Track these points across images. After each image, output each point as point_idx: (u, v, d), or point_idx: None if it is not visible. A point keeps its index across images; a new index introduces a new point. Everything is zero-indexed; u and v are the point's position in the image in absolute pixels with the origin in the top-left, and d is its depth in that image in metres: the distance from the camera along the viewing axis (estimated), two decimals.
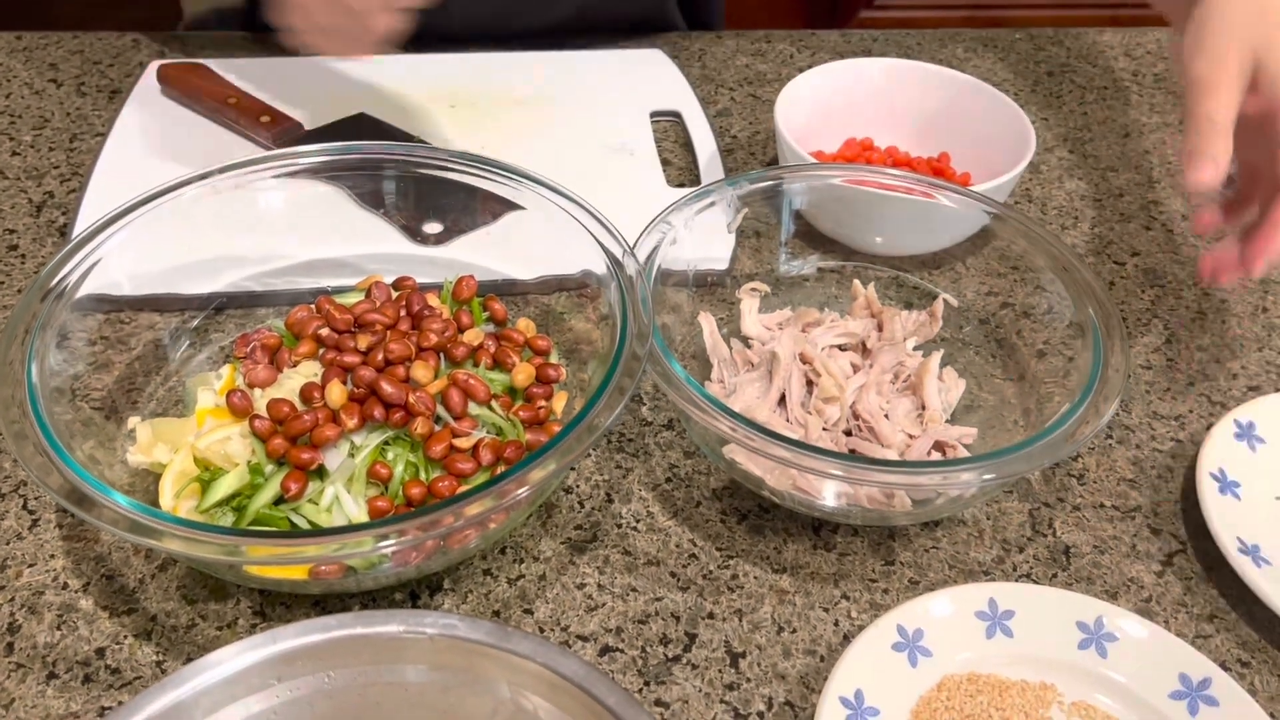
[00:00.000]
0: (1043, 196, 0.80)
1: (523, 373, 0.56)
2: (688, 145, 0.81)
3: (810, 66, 0.91)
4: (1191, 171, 0.55)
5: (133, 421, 0.54)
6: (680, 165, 0.80)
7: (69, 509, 0.45)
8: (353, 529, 0.43)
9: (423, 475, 0.51)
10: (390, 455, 0.52)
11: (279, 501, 0.50)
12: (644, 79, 0.87)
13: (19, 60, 0.87)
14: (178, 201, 0.58)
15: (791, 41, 0.94)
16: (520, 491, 0.44)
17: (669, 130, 0.83)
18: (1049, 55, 0.95)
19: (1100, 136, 0.86)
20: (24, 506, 0.55)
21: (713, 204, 0.62)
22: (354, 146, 0.61)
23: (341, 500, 0.50)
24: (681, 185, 0.78)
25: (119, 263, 0.57)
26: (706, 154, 0.79)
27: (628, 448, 0.60)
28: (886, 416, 0.56)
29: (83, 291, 0.55)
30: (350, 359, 0.54)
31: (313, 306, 0.59)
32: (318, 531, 0.47)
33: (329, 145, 0.61)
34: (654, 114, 0.84)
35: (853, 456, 0.49)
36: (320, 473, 0.51)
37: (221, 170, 0.59)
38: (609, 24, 0.93)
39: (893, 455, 0.55)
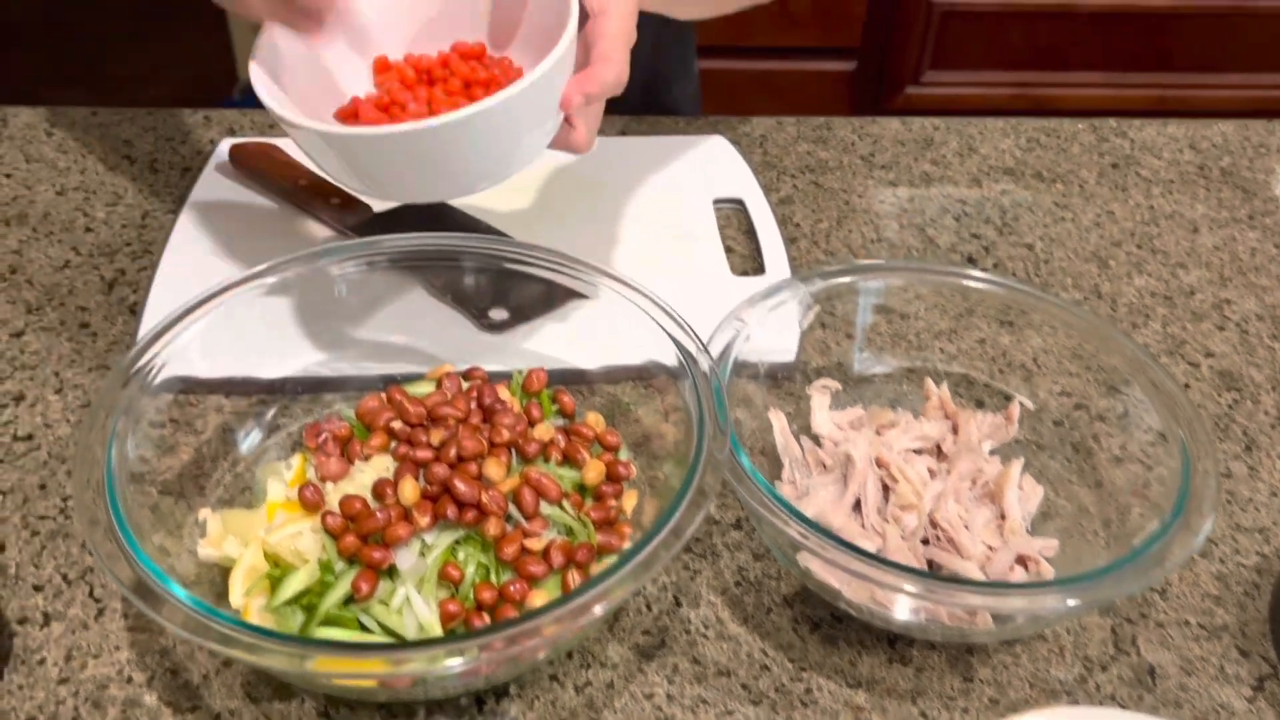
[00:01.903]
0: (1112, 293, 0.79)
1: (593, 470, 0.55)
2: (750, 233, 0.81)
3: (872, 154, 0.92)
4: None
5: (203, 513, 0.54)
6: (743, 253, 0.80)
7: (139, 605, 0.44)
8: (427, 644, 0.42)
9: (493, 578, 0.51)
10: (461, 555, 0.51)
11: (349, 600, 0.50)
12: (706, 165, 0.87)
13: (94, 136, 0.89)
14: (254, 290, 0.58)
15: (853, 129, 0.95)
16: (600, 608, 0.43)
17: (731, 217, 0.83)
18: (1113, 146, 0.95)
19: (1168, 231, 0.85)
20: (90, 594, 0.55)
21: (785, 301, 0.61)
22: (431, 238, 0.62)
23: (413, 602, 0.49)
24: (745, 274, 0.78)
25: (194, 346, 0.57)
26: (770, 242, 0.79)
27: (695, 548, 0.59)
28: (966, 526, 0.55)
29: (161, 377, 0.55)
30: (423, 454, 0.53)
31: (383, 396, 0.59)
32: (391, 645, 0.46)
33: (407, 236, 0.61)
34: (717, 200, 0.84)
35: (938, 576, 0.48)
36: (391, 572, 0.50)
37: (300, 259, 0.60)
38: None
39: (974, 568, 0.53)
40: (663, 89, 1.01)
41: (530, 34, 0.64)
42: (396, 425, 0.56)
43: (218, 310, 0.57)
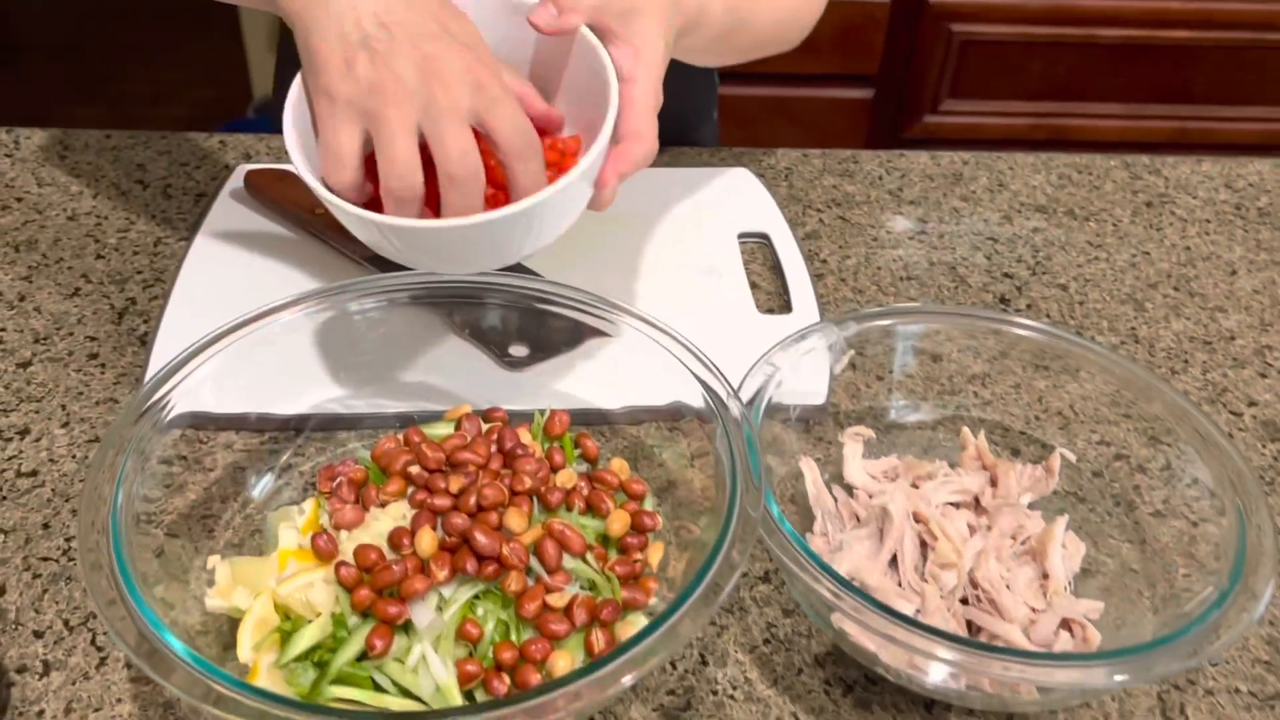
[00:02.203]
0: (1150, 337, 0.76)
1: (618, 521, 0.53)
2: (776, 269, 0.79)
3: (900, 188, 0.90)
4: None
5: (212, 560, 0.52)
6: (769, 290, 0.78)
7: (137, 663, 0.42)
8: (447, 714, 0.40)
9: (514, 635, 0.48)
10: (480, 611, 0.49)
11: (362, 657, 0.47)
12: (730, 198, 0.85)
13: (107, 160, 0.87)
14: (270, 327, 0.56)
15: (880, 163, 0.93)
16: (629, 678, 0.40)
17: (756, 252, 0.81)
18: (1146, 184, 0.93)
19: (1205, 274, 0.82)
20: (92, 642, 0.53)
21: (819, 345, 0.59)
22: (453, 274, 0.60)
23: (429, 661, 0.47)
24: (771, 311, 0.75)
25: (207, 382, 0.55)
26: (797, 279, 0.77)
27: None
28: (1008, 586, 0.52)
29: (173, 414, 0.53)
30: (441, 502, 0.51)
31: (399, 437, 0.57)
32: (409, 715, 0.44)
33: (430, 273, 0.59)
34: (741, 235, 0.82)
35: (982, 645, 0.45)
36: (407, 627, 0.48)
37: (317, 296, 0.58)
38: None
39: (1016, 632, 0.51)
40: (689, 129, 1.00)
41: (567, 94, 0.62)
42: (414, 470, 0.54)
43: (234, 346, 0.55)
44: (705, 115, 1.03)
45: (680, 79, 0.96)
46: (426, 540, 0.49)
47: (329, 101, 0.52)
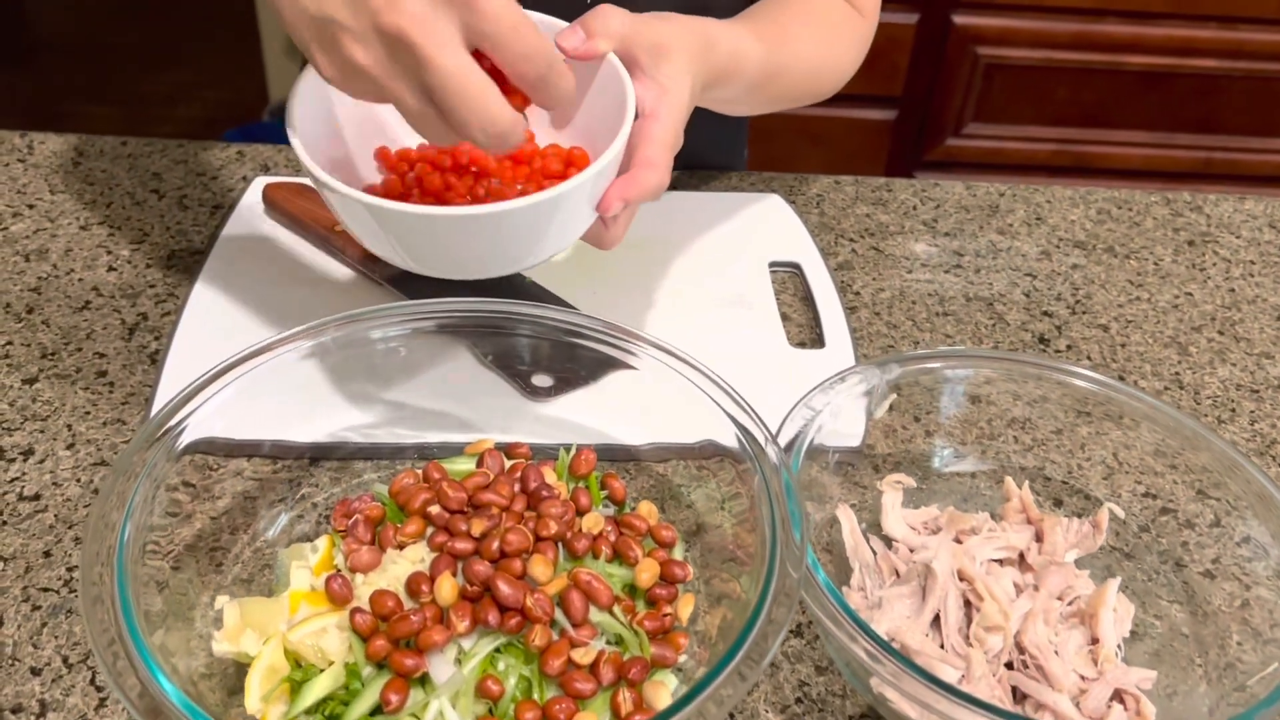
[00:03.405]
0: (1195, 384, 0.74)
1: (647, 570, 0.51)
2: (808, 300, 0.77)
3: (935, 219, 0.88)
4: None
5: (220, 600, 0.49)
6: (801, 322, 0.75)
7: (134, 716, 0.40)
8: None
9: (536, 693, 0.46)
10: (501, 666, 0.46)
11: (375, 711, 0.45)
12: (761, 225, 0.83)
13: (122, 168, 0.85)
14: (288, 354, 0.54)
15: (914, 192, 0.90)
16: None
17: (787, 282, 0.79)
18: (1188, 222, 0.90)
19: (1251, 317, 0.80)
20: (91, 682, 0.50)
21: (859, 389, 0.57)
22: (479, 303, 0.57)
23: (446, 715, 0.44)
24: (803, 345, 0.73)
25: (221, 409, 0.53)
26: (830, 312, 0.74)
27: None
28: (1056, 652, 0.50)
29: (185, 440, 0.51)
30: (463, 546, 0.49)
31: (418, 473, 0.54)
32: None
33: (453, 300, 0.57)
34: (773, 264, 0.79)
35: None
36: (424, 680, 0.45)
37: (338, 322, 0.55)
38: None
39: (1066, 703, 0.48)
40: (717, 157, 0.98)
41: (588, 120, 0.61)
42: (434, 510, 0.51)
43: (251, 373, 0.53)
44: (735, 149, 1.01)
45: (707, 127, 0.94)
46: (447, 588, 0.46)
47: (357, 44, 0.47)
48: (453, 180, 0.60)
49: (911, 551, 0.54)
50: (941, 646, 0.50)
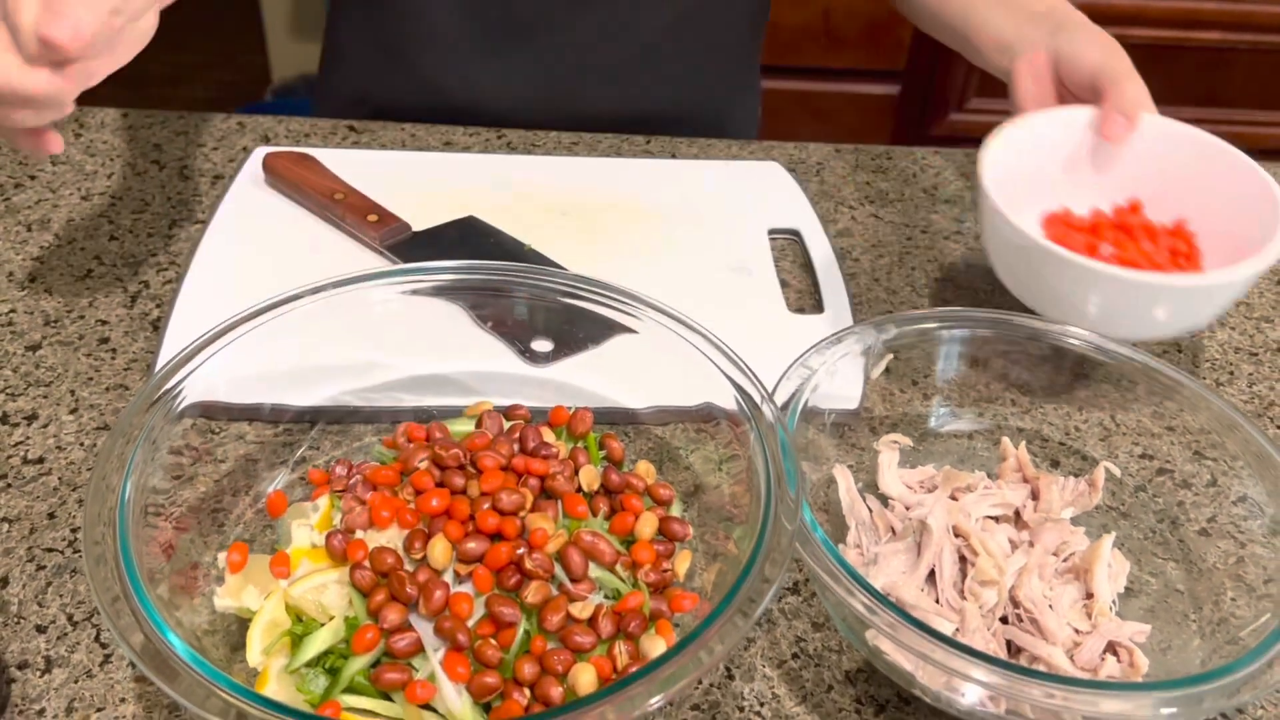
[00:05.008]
0: (1193, 346, 0.74)
1: (648, 525, 0.51)
2: (807, 266, 0.77)
3: (935, 187, 0.88)
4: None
5: (222, 557, 0.50)
6: (800, 288, 0.75)
7: (142, 669, 0.40)
8: None
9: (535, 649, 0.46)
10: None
11: (376, 664, 0.45)
12: (761, 193, 0.83)
13: (123, 139, 0.85)
14: (289, 315, 0.54)
15: (914, 160, 0.90)
16: (658, 700, 0.38)
17: (787, 249, 0.79)
18: None
19: None
20: (96, 639, 0.51)
21: (855, 349, 0.57)
22: (479, 266, 0.58)
23: (440, 682, 0.44)
24: (802, 311, 0.73)
25: (221, 371, 0.53)
26: (829, 278, 0.74)
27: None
28: (1050, 606, 0.50)
29: (185, 403, 0.51)
30: (461, 505, 0.49)
31: (418, 433, 0.55)
32: None
33: (454, 264, 0.57)
34: (772, 231, 0.79)
35: (1027, 670, 0.43)
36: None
37: (338, 284, 0.56)
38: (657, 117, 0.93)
39: (1060, 655, 0.48)
40: (725, 114, 0.98)
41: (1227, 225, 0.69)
42: (433, 470, 0.51)
43: (250, 334, 0.53)
44: (750, 121, 1.01)
45: (720, 60, 0.94)
46: (439, 549, 0.47)
47: None
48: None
49: (907, 509, 0.55)
50: (937, 601, 0.51)
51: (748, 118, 1.01)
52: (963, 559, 0.52)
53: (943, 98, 1.98)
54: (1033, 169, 0.71)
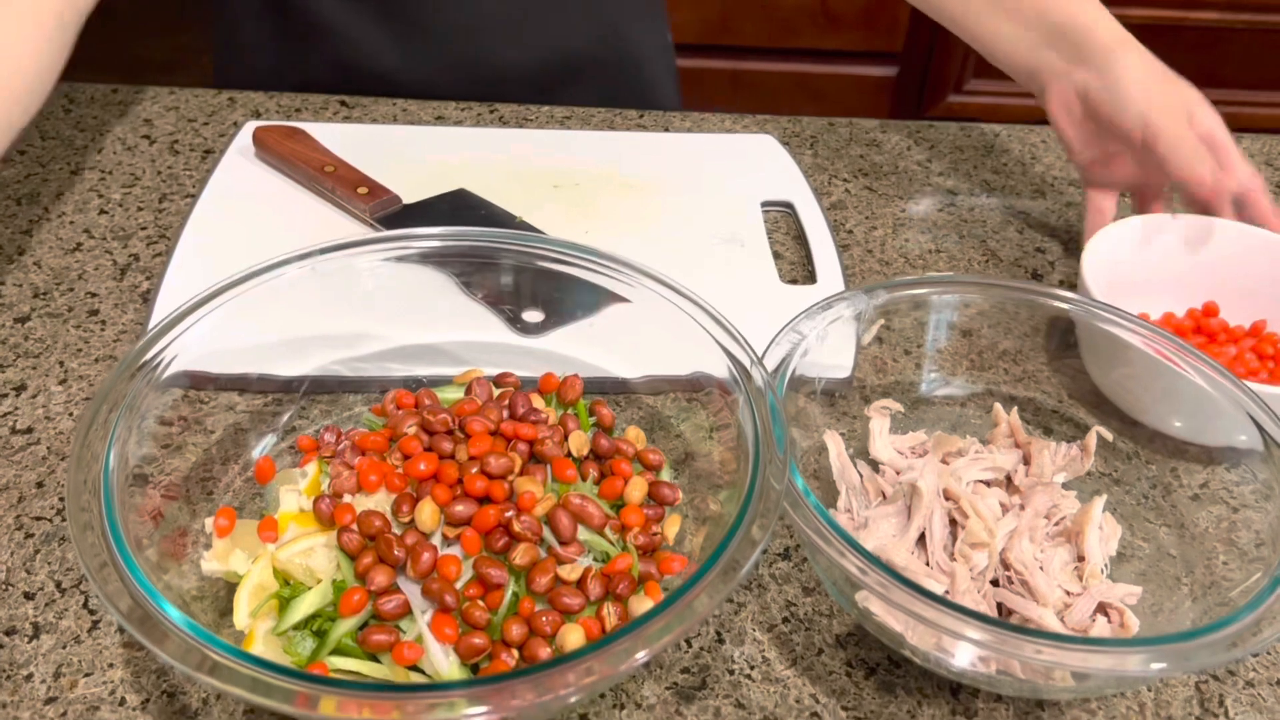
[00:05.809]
0: None
1: (637, 489, 0.51)
2: (800, 238, 0.76)
3: (929, 160, 0.87)
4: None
5: (209, 522, 0.50)
6: (793, 260, 0.75)
7: (132, 632, 0.40)
8: (448, 687, 0.38)
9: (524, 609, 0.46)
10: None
11: (363, 626, 0.45)
12: (755, 166, 0.83)
13: (113, 114, 0.85)
14: (275, 282, 0.54)
15: (909, 133, 0.90)
16: (643, 654, 0.38)
17: (780, 221, 0.79)
18: None
19: None
20: (84, 605, 0.51)
21: (846, 314, 0.57)
22: (467, 233, 0.57)
23: (427, 644, 0.44)
24: (795, 282, 0.73)
25: (206, 339, 0.53)
26: (822, 250, 0.74)
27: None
28: (1041, 568, 0.50)
29: (170, 371, 0.51)
30: (450, 470, 0.49)
31: (408, 399, 0.54)
32: (406, 687, 0.42)
33: (441, 230, 0.57)
34: (765, 203, 0.79)
35: (1017, 628, 0.43)
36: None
37: (325, 250, 0.55)
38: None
39: (1050, 616, 0.48)
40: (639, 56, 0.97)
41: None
42: (422, 436, 0.51)
43: (234, 302, 0.53)
44: (652, 43, 1.00)
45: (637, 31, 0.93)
46: (428, 513, 0.47)
47: None
48: None
49: (898, 474, 0.55)
50: (927, 564, 0.51)
51: (662, 60, 0.99)
52: (953, 522, 0.52)
53: (940, 79, 1.98)
54: (1110, 277, 0.67)
